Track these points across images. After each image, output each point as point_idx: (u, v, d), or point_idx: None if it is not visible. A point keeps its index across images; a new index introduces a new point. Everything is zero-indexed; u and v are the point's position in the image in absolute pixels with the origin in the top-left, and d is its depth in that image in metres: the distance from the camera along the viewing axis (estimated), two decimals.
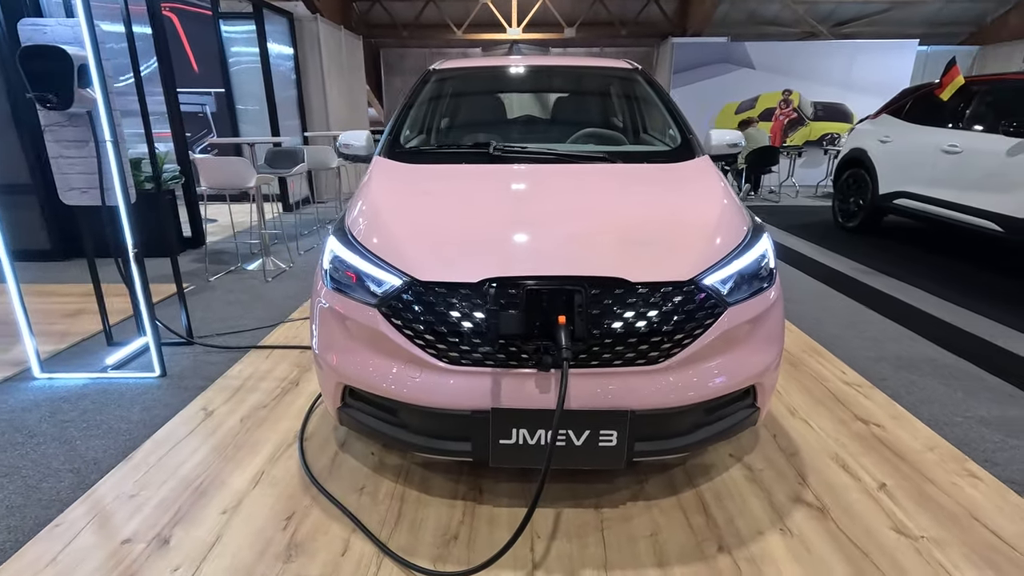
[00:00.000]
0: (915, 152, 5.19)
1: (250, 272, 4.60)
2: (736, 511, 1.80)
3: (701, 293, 1.61)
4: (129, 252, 2.60)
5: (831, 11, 11.23)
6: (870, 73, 10.00)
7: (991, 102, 4.66)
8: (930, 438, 2.21)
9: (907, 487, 1.92)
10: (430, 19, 10.76)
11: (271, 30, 7.16)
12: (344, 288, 1.76)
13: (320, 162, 5.69)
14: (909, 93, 5.70)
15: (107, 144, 2.44)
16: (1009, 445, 2.19)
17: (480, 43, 11.12)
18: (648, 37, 11.11)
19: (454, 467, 2.01)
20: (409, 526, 1.74)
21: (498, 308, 1.55)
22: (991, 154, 4.34)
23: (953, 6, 10.96)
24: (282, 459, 2.07)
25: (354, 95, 9.47)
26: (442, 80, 2.91)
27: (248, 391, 2.59)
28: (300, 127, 8.03)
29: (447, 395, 1.61)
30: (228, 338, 3.24)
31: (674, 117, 2.60)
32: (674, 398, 1.61)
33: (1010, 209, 4.12)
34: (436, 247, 1.69)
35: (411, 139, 2.60)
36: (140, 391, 2.61)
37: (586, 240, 1.68)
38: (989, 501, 1.85)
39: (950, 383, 2.68)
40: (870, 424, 2.31)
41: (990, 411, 2.44)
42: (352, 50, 9.33)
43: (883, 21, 11.31)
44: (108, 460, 2.08)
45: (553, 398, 1.57)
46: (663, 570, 1.56)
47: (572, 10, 10.48)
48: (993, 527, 1.73)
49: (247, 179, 4.16)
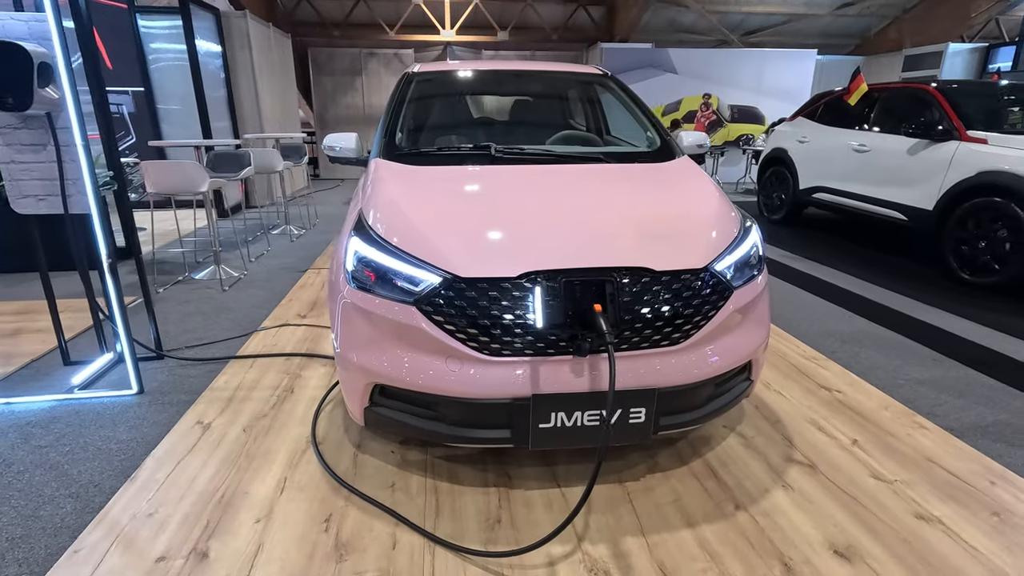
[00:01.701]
0: (830, 151, 5.79)
1: (201, 282, 4.37)
2: (741, 474, 2.01)
3: (713, 279, 1.80)
4: (103, 262, 2.44)
5: (740, 21, 12.15)
6: (777, 79, 10.96)
7: (891, 107, 5.30)
8: (882, 399, 2.55)
9: (874, 441, 2.22)
10: (361, 18, 10.55)
11: (196, 26, 6.77)
12: (373, 288, 1.78)
13: (266, 165, 5.49)
14: (820, 98, 6.34)
15: (78, 148, 2.29)
16: (943, 400, 2.56)
17: (413, 44, 11.04)
18: (577, 42, 11.52)
19: (478, 457, 2.08)
20: (450, 515, 1.80)
21: (539, 300, 1.65)
22: (895, 153, 4.95)
23: (841, 20, 12.19)
24: (301, 465, 2.05)
25: (286, 95, 9.12)
26: (424, 83, 2.95)
27: (242, 401, 2.51)
28: (231, 128, 7.64)
29: (488, 385, 1.69)
30: (200, 350, 3.10)
31: (650, 120, 2.80)
32: (692, 375, 1.77)
33: (912, 200, 4.73)
34: (472, 244, 1.75)
35: (405, 141, 2.62)
36: (119, 410, 2.46)
37: (609, 234, 1.82)
38: (938, 447, 2.18)
39: (887, 352, 3.08)
40: (832, 391, 2.62)
41: (922, 373, 2.83)
42: (282, 49, 8.99)
43: (785, 32, 12.38)
44: (109, 482, 1.97)
45: (587, 382, 1.70)
46: (694, 530, 1.73)
47: (504, 14, 10.66)
48: (946, 467, 2.05)
49: (199, 183, 3.96)
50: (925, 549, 1.66)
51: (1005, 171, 3.99)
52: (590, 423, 1.73)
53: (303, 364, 2.90)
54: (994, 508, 1.83)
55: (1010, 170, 3.96)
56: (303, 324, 3.44)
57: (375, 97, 11.49)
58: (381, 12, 10.41)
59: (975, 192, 4.19)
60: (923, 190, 4.62)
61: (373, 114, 11.56)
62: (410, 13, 10.31)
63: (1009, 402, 2.54)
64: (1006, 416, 2.42)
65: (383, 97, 11.49)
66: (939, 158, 4.49)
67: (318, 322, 3.48)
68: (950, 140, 4.46)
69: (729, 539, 1.69)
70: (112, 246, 2.48)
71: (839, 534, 1.71)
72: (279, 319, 3.54)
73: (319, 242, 5.79)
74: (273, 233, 6.17)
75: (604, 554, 1.64)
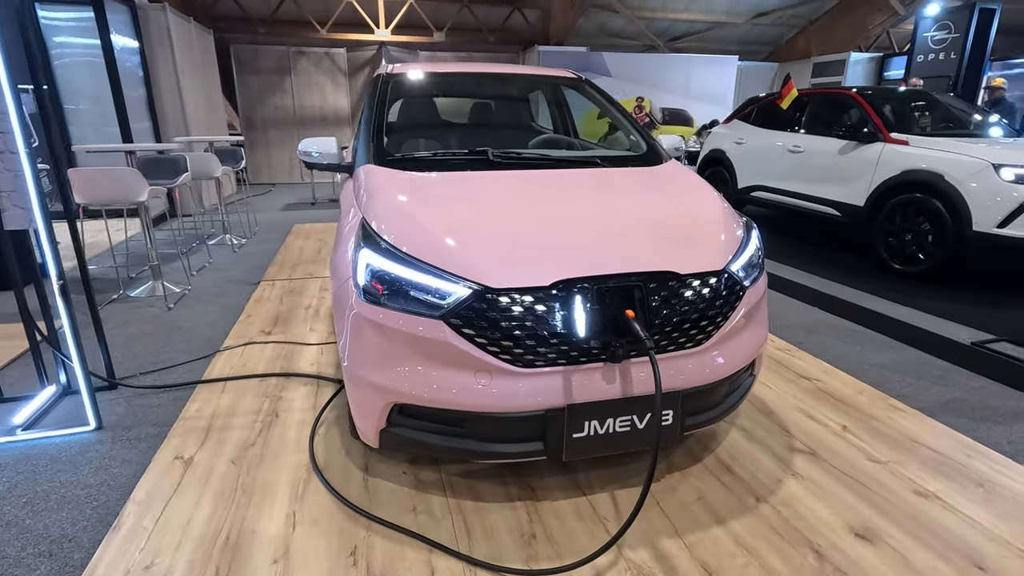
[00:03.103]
0: (765, 151, 6.16)
1: (140, 299, 3.99)
2: (752, 467, 2.08)
3: (730, 280, 1.84)
4: (54, 283, 2.15)
5: (667, 27, 12.67)
6: (703, 83, 11.55)
7: (820, 111, 5.71)
8: (856, 384, 2.73)
9: (860, 425, 2.37)
10: (288, 15, 10.03)
11: (110, 19, 6.17)
12: (391, 302, 1.68)
13: (203, 171, 5.09)
14: (753, 102, 6.72)
15: (21, 156, 2.00)
16: (907, 382, 2.78)
17: (345, 43, 10.65)
18: (513, 44, 11.57)
19: (496, 471, 2.02)
20: (483, 535, 1.73)
21: (573, 309, 1.62)
22: (827, 153, 5.33)
23: (757, 28, 13.03)
24: (307, 495, 1.91)
25: (211, 96, 8.53)
26: (403, 85, 2.84)
27: (221, 431, 2.30)
28: (152, 131, 7.04)
29: (522, 398, 1.64)
30: (157, 376, 2.82)
31: (632, 123, 2.85)
32: (713, 374, 1.81)
33: (845, 197, 5.12)
34: (499, 254, 1.70)
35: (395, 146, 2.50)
36: (77, 450, 2.19)
37: (631, 238, 1.82)
38: (916, 426, 2.36)
39: (848, 340, 3.31)
40: (811, 380, 2.77)
41: (882, 358, 3.06)
42: (205, 45, 8.39)
43: (707, 38, 13.05)
44: (86, 534, 1.74)
45: (619, 388, 1.69)
46: (724, 527, 1.77)
47: (440, 14, 10.51)
48: (928, 445, 2.22)
49: (138, 192, 3.61)
50: (932, 524, 1.78)
51: (925, 169, 4.40)
52: (621, 429, 1.72)
53: (281, 385, 2.71)
54: (977, 480, 2.01)
55: (928, 168, 4.38)
56: (270, 341, 3.22)
57: (306, 98, 10.99)
58: (311, 9, 9.96)
59: (900, 189, 4.59)
60: (854, 188, 5.01)
61: (305, 115, 11.06)
62: (342, 11, 9.94)
63: (960, 380, 2.80)
64: (961, 393, 2.66)
65: (314, 98, 11.01)
66: (867, 158, 4.89)
67: (286, 338, 3.26)
68: (876, 142, 4.86)
69: (759, 532, 1.74)
70: (60, 266, 2.20)
71: (855, 517, 1.81)
72: (242, 337, 3.28)
73: (264, 251, 5.45)
74: (210, 243, 5.74)
75: (646, 559, 1.64)
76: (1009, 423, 2.40)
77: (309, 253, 5.33)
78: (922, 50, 10.04)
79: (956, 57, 9.50)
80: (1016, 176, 3.92)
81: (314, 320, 3.55)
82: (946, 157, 4.29)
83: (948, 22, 9.61)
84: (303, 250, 5.46)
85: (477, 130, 3.19)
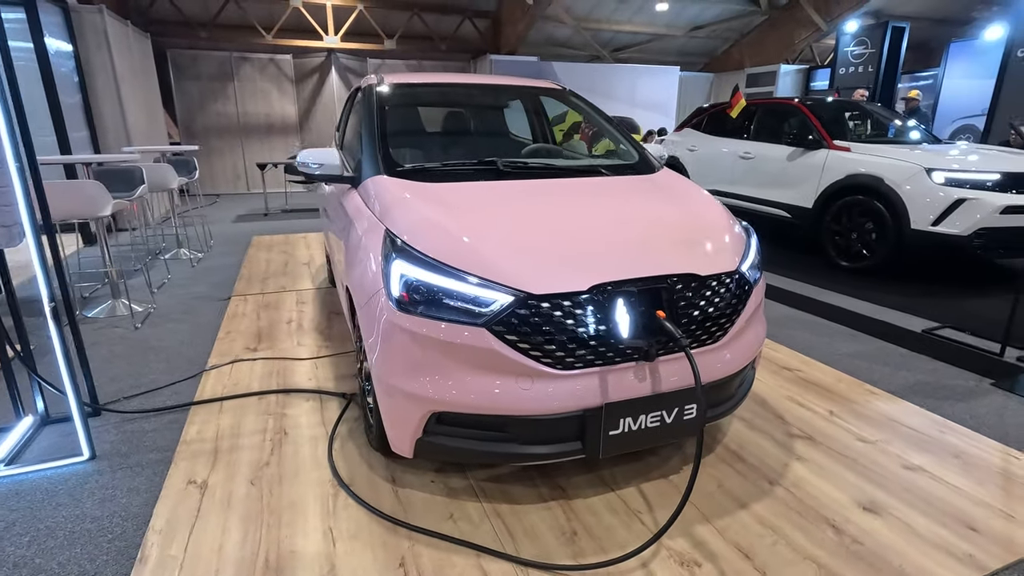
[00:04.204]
0: (718, 158, 6.51)
1: (101, 320, 3.75)
2: (760, 453, 2.22)
3: (741, 279, 1.98)
4: (45, 306, 2.01)
5: (611, 38, 13.13)
6: (648, 93, 12.04)
7: (767, 120, 6.11)
8: (833, 373, 2.96)
9: (845, 409, 2.57)
10: (231, 19, 9.64)
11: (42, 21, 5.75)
12: (429, 312, 1.70)
13: (160, 182, 4.84)
14: (703, 111, 7.09)
15: (10, 169, 1.87)
16: (875, 368, 3.04)
17: (292, 49, 10.36)
18: (464, 53, 11.63)
19: (524, 473, 2.07)
20: (526, 536, 1.77)
21: (610, 311, 1.70)
22: (776, 159, 5.71)
23: (694, 41, 13.72)
24: (339, 511, 1.88)
25: (151, 103, 8.09)
26: (396, 95, 2.83)
27: (230, 452, 2.22)
28: (90, 140, 6.59)
29: (562, 399, 1.70)
30: (143, 400, 2.67)
31: (621, 133, 2.97)
32: (729, 367, 1.94)
33: (795, 200, 5.49)
34: (537, 261, 1.75)
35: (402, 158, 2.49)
36: (74, 482, 2.05)
37: (652, 242, 1.91)
38: (891, 408, 2.59)
39: (816, 332, 3.57)
40: (792, 370, 2.98)
41: (849, 348, 3.33)
42: (142, 50, 7.96)
43: (649, 49, 13.62)
44: (110, 569, 1.64)
45: (650, 385, 1.78)
46: (747, 510, 1.89)
47: (390, 22, 10.42)
48: (905, 423, 2.45)
49: (101, 206, 3.40)
50: (924, 494, 1.98)
51: (866, 173, 4.81)
52: (652, 424, 1.81)
53: (282, 402, 2.63)
54: (953, 452, 2.23)
55: (869, 172, 4.78)
56: (259, 358, 3.11)
57: (251, 105, 10.61)
58: (255, 14, 9.63)
59: (845, 192, 4.99)
60: (803, 191, 5.39)
61: (250, 123, 10.67)
62: (288, 17, 9.68)
63: (918, 365, 3.09)
64: (922, 376, 2.94)
65: (260, 105, 10.65)
66: (814, 163, 5.28)
67: (275, 354, 3.16)
68: (821, 148, 5.26)
69: (780, 512, 1.88)
70: (52, 288, 2.06)
71: (859, 493, 1.98)
72: (226, 355, 3.16)
73: (225, 266, 5.23)
74: (163, 258, 5.44)
75: (685, 546, 1.73)
76: (967, 400, 2.68)
77: (276, 266, 5.16)
78: (843, 63, 10.91)
79: (873, 70, 10.38)
80: (946, 179, 4.35)
81: (300, 334, 3.46)
82: (884, 162, 4.71)
83: (865, 38, 10.49)
84: (269, 263, 5.28)
85: (473, 139, 3.22)
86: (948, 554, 1.70)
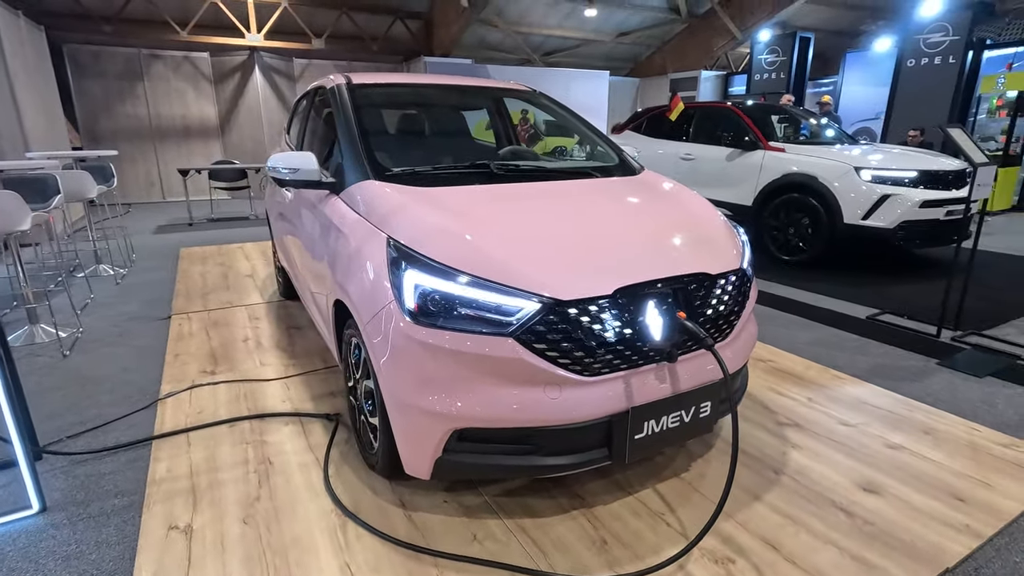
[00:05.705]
0: (660, 160, 6.73)
1: (18, 348, 3.29)
2: (758, 444, 2.29)
3: (744, 277, 2.03)
4: None
5: (541, 42, 13.30)
6: (580, 96, 12.28)
7: (705, 123, 6.39)
8: (801, 362, 3.12)
9: (821, 395, 2.71)
10: (138, 13, 8.82)
11: None
12: (449, 324, 1.61)
13: (77, 191, 4.34)
14: (643, 114, 7.32)
15: None
16: (834, 354, 3.24)
17: (210, 47, 9.66)
18: (396, 54, 11.35)
19: (539, 486, 2.01)
20: (556, 549, 1.71)
21: (634, 314, 1.68)
22: (716, 160, 5.99)
23: (621, 47, 14.18)
24: (352, 543, 1.74)
25: (49, 104, 7.27)
26: (366, 96, 2.68)
27: (211, 489, 2.00)
28: None
29: (590, 406, 1.66)
30: (91, 438, 2.37)
31: (597, 134, 2.98)
32: (734, 364, 1.98)
33: (736, 198, 5.78)
34: (559, 266, 1.69)
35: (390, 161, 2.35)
36: (26, 540, 1.77)
37: (662, 243, 1.92)
38: (860, 391, 2.76)
39: (775, 323, 3.76)
40: (767, 361, 3.12)
41: (808, 336, 3.53)
42: (37, 46, 7.14)
43: (578, 54, 13.93)
44: None
45: (670, 386, 1.78)
46: (762, 502, 1.94)
47: (318, 20, 9.96)
48: (876, 405, 2.62)
49: (20, 220, 2.99)
50: (911, 470, 2.11)
51: (800, 172, 5.15)
52: (672, 425, 1.82)
53: (258, 428, 2.42)
54: (923, 429, 2.41)
55: (803, 171, 5.13)
56: (221, 381, 2.84)
57: (164, 106, 9.80)
58: (167, 8, 8.89)
59: (782, 190, 5.31)
60: (743, 190, 5.68)
61: (164, 125, 9.85)
62: (205, 12, 9.02)
63: (872, 349, 3.32)
64: (878, 359, 3.17)
65: (175, 106, 9.86)
66: (752, 163, 5.59)
67: (237, 376, 2.91)
68: (757, 149, 5.57)
69: (792, 501, 1.94)
70: None
71: (856, 475, 2.08)
72: (182, 380, 2.86)
73: (155, 281, 4.77)
74: (81, 276, 4.89)
75: (715, 544, 1.74)
76: (921, 379, 2.91)
77: (215, 280, 4.77)
78: (758, 70, 11.68)
79: (785, 76, 11.19)
80: (872, 176, 4.74)
81: (260, 353, 3.21)
82: (817, 162, 5.06)
83: (776, 47, 11.29)
84: (206, 277, 4.87)
85: (449, 141, 3.12)
86: (947, 526, 1.82)
